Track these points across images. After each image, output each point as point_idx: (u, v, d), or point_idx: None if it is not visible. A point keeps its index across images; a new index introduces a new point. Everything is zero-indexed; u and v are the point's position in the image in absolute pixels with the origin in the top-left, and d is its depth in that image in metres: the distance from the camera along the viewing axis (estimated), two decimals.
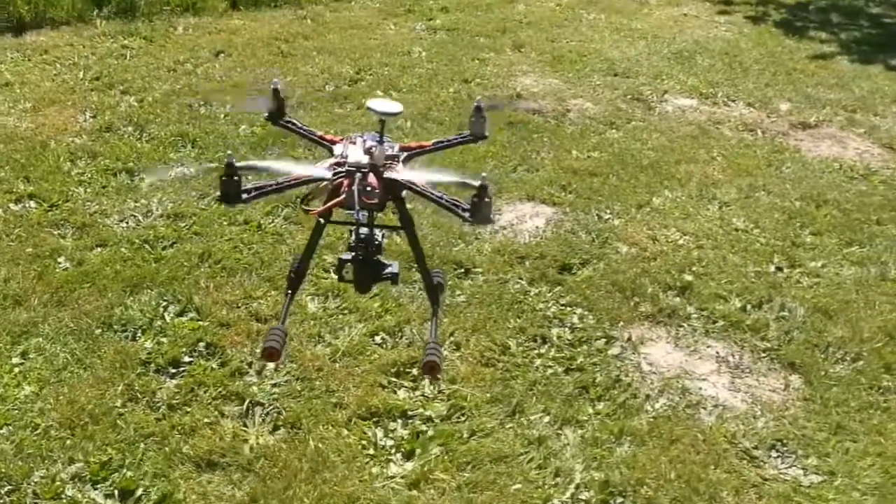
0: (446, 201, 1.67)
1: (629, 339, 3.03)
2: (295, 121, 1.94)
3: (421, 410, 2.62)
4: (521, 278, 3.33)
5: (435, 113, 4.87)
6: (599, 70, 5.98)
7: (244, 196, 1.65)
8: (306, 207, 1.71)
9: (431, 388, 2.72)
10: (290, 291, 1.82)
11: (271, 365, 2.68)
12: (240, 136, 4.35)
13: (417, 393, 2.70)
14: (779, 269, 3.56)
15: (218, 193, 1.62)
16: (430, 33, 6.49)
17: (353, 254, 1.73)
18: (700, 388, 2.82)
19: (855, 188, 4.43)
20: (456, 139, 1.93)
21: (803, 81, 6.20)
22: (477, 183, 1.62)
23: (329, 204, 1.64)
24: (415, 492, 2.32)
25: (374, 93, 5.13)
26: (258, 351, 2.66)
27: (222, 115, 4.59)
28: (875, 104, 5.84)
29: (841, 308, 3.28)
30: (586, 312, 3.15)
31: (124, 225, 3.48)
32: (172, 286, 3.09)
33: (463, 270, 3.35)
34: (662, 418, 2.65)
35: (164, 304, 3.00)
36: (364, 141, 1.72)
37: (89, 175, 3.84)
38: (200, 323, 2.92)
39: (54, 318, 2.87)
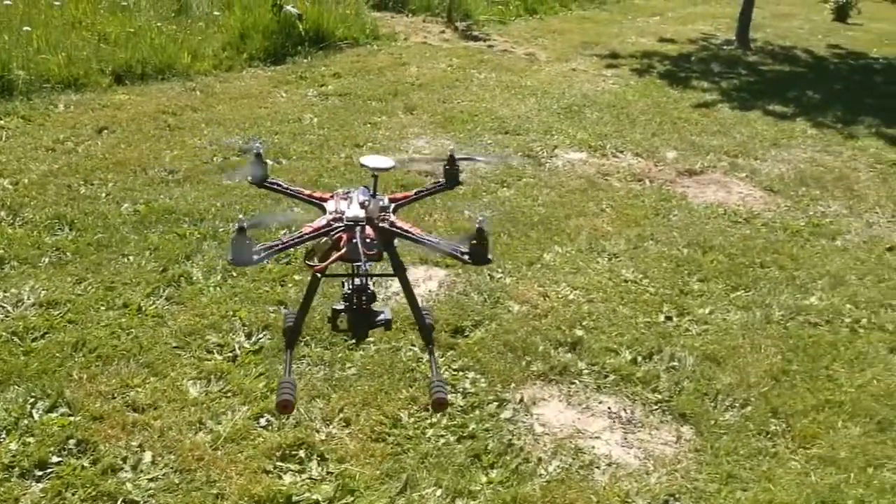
0: (444, 246, 1.77)
1: (521, 400, 3.00)
2: (280, 182, 1.97)
3: (307, 494, 2.51)
4: (413, 345, 3.27)
5: (326, 180, 4.82)
6: (490, 129, 6.06)
7: (255, 258, 1.67)
8: (310, 263, 1.75)
9: (319, 469, 2.62)
10: (288, 347, 1.85)
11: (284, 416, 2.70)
12: (122, 215, 4.20)
13: (304, 476, 2.59)
14: (668, 318, 3.60)
15: (230, 257, 1.65)
16: (322, 99, 6.49)
17: (346, 304, 1.78)
18: (593, 447, 2.80)
19: (739, 232, 4.56)
20: (434, 187, 2.06)
21: (688, 129, 6.43)
22: (475, 224, 1.72)
23: (332, 258, 1.68)
24: None
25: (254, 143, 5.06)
26: (275, 408, 2.55)
27: (103, 195, 4.44)
28: (755, 148, 6.08)
29: (729, 354, 3.33)
30: (479, 376, 3.11)
31: None
32: (42, 380, 2.91)
33: (354, 341, 3.27)
34: (556, 482, 2.61)
35: (32, 400, 2.82)
36: (357, 196, 1.80)
37: None
38: (71, 418, 2.75)
39: None
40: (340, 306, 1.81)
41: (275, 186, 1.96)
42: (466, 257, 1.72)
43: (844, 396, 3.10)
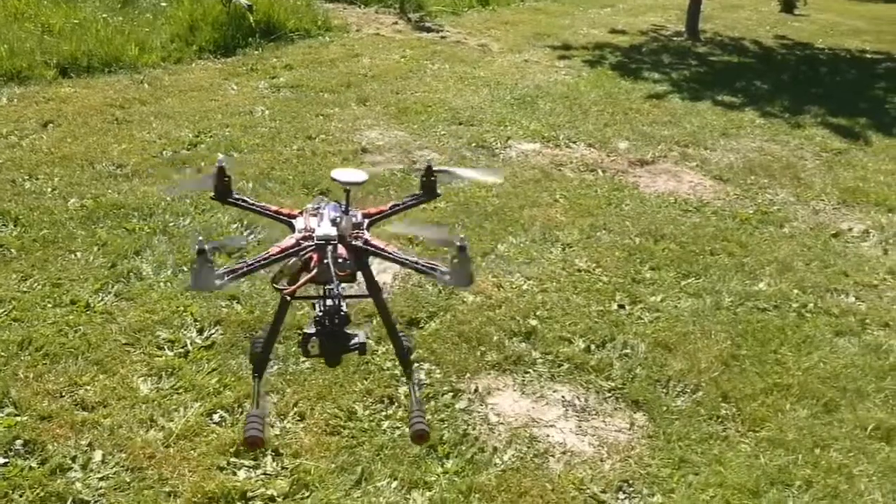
0: (422, 265, 1.66)
1: (476, 390, 3.01)
2: (245, 197, 1.86)
3: (262, 490, 2.49)
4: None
5: (277, 172, 4.78)
6: (444, 119, 6.06)
7: (217, 283, 1.56)
8: (277, 286, 1.62)
9: (274, 464, 2.60)
10: (256, 375, 1.76)
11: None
12: (69, 211, 4.12)
13: (259, 472, 2.57)
14: (621, 306, 3.64)
15: (191, 283, 1.54)
16: (274, 91, 6.42)
17: (318, 328, 1.67)
18: (548, 436, 2.82)
19: (690, 221, 4.62)
20: (410, 200, 1.96)
21: (639, 120, 6.49)
22: (456, 243, 1.61)
23: (302, 281, 1.58)
24: None
25: (217, 155, 5.00)
26: (241, 444, 2.52)
27: (49, 190, 4.35)
28: (705, 138, 6.16)
29: (680, 341, 3.38)
30: (434, 367, 3.11)
31: None
32: None
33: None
34: (511, 471, 2.62)
35: None
36: (328, 212, 1.69)
37: None
38: (18, 418, 2.69)
39: None
40: (312, 330, 1.69)
41: (240, 203, 1.85)
42: (447, 277, 1.64)
43: (792, 379, 3.16)
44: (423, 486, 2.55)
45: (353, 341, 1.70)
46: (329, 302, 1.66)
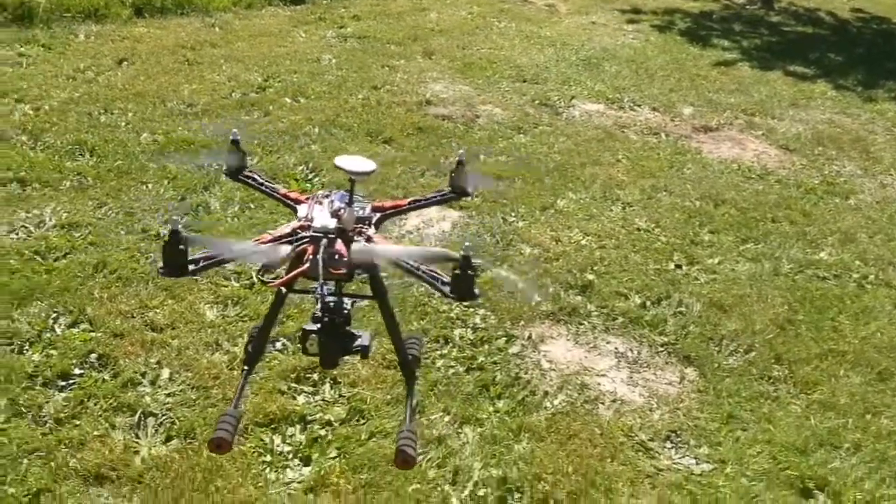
0: (424, 273, 1.49)
1: (530, 337, 3.06)
2: (256, 175, 1.73)
3: (320, 415, 2.59)
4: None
5: (343, 119, 4.85)
6: (508, 76, 6.05)
7: (191, 267, 1.42)
8: (264, 278, 1.50)
9: (332, 392, 2.69)
10: (246, 368, 1.62)
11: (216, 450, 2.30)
12: (141, 144, 4.25)
13: (317, 398, 2.67)
14: (678, 266, 3.65)
15: (160, 265, 1.41)
16: (341, 41, 6.47)
17: (318, 325, 1.48)
18: (599, 384, 2.86)
19: (752, 188, 4.57)
20: (435, 196, 1.74)
21: (706, 87, 6.40)
22: (458, 254, 1.42)
23: (291, 274, 1.45)
24: (311, 496, 2.29)
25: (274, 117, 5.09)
26: (206, 444, 2.28)
27: (123, 124, 4.48)
28: (773, 108, 6.06)
29: (735, 302, 3.38)
30: (489, 313, 3.17)
31: (14, 236, 3.35)
32: (64, 297, 2.98)
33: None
34: (561, 414, 2.68)
35: (55, 315, 2.89)
36: (332, 201, 1.53)
37: None
38: (93, 334, 2.83)
39: None
40: (312, 327, 1.50)
41: (250, 181, 1.72)
42: (447, 289, 1.44)
43: (848, 347, 3.15)
44: (475, 422, 2.62)
45: (355, 343, 1.52)
46: (331, 298, 1.48)
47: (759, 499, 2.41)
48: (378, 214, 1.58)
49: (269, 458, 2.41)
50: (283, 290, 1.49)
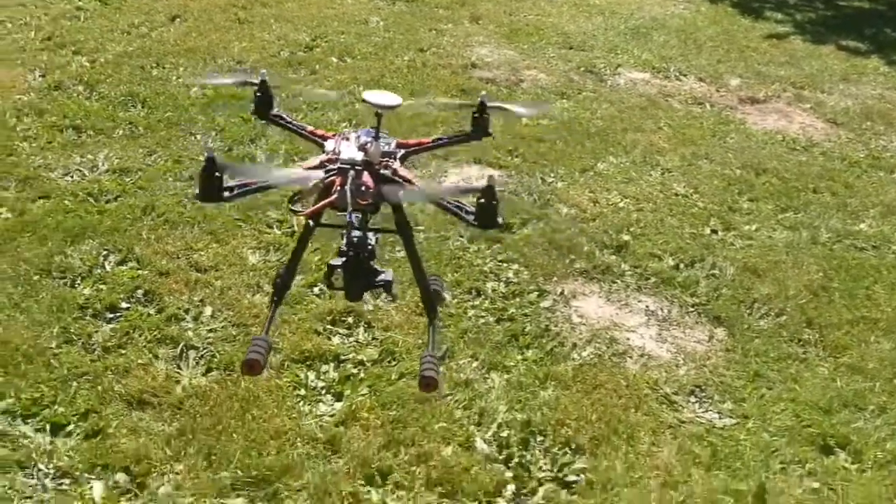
0: (449, 204, 1.53)
1: (562, 293, 3.12)
2: (284, 115, 1.78)
3: (353, 355, 2.68)
4: (461, 236, 3.40)
5: (388, 79, 4.91)
6: (555, 43, 6.04)
7: (226, 194, 1.47)
8: (294, 208, 1.56)
9: (366, 335, 2.79)
10: (275, 300, 1.68)
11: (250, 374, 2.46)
12: (190, 98, 4.36)
13: (351, 339, 2.76)
14: (714, 231, 3.66)
15: (196, 191, 1.47)
16: (389, 4, 6.51)
17: (344, 259, 1.55)
18: (628, 339, 2.91)
19: (795, 159, 4.54)
20: (457, 137, 1.81)
21: (755, 59, 6.32)
22: (482, 185, 1.45)
23: (319, 205, 1.49)
24: (341, 428, 2.38)
25: (328, 60, 5.17)
26: (239, 366, 2.44)
27: (174, 78, 4.60)
28: (823, 81, 5.97)
29: (770, 268, 3.39)
30: (522, 268, 3.23)
31: (68, 179, 3.49)
32: (114, 237, 3.12)
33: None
34: (588, 365, 2.74)
35: (105, 253, 3.03)
36: (358, 136, 1.58)
37: (35, 131, 3.84)
38: (140, 272, 2.95)
39: None
40: (338, 262, 1.57)
41: (279, 120, 1.77)
42: (471, 218, 1.49)
43: (881, 315, 3.15)
44: (502, 368, 2.69)
45: (379, 278, 1.57)
46: (356, 233, 1.53)
47: (779, 453, 2.45)
48: (403, 150, 1.62)
49: (303, 392, 2.51)
50: (311, 222, 1.53)
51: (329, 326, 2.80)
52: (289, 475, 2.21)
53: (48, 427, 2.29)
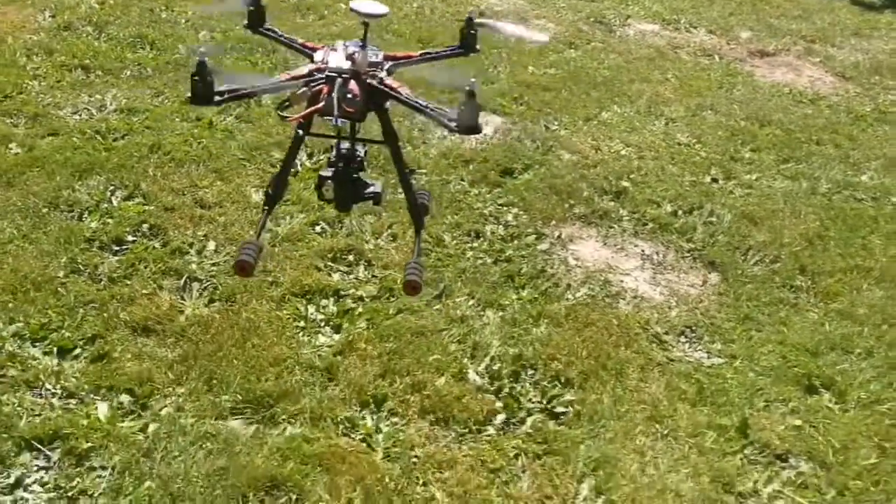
0: (431, 110, 1.55)
1: (559, 236, 3.17)
2: (275, 28, 1.83)
3: (353, 291, 2.75)
4: (462, 180, 3.45)
5: (396, 26, 4.91)
6: None
7: (216, 98, 1.51)
8: (283, 114, 1.58)
9: (365, 272, 2.85)
10: (266, 208, 1.72)
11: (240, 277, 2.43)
12: (199, 41, 4.39)
13: (351, 276, 2.83)
14: (714, 180, 3.69)
15: (188, 94, 1.50)
16: None
17: (333, 171, 1.62)
18: (622, 281, 2.97)
19: (801, 111, 4.55)
20: (445, 51, 1.81)
21: (768, 12, 6.27)
22: (466, 87, 1.49)
23: (307, 111, 1.53)
24: (339, 357, 2.46)
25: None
26: (231, 267, 2.54)
27: (182, 21, 4.62)
28: (834, 35, 5.93)
29: (767, 216, 3.43)
30: (521, 212, 3.28)
31: (77, 117, 3.55)
32: (121, 173, 3.18)
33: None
34: (581, 305, 2.80)
35: (112, 188, 3.09)
36: (346, 47, 1.60)
37: (44, 70, 3.89)
38: (146, 207, 3.02)
39: (2, 198, 2.97)
40: (328, 173, 1.63)
41: (270, 33, 1.83)
42: (454, 125, 1.52)
43: (875, 264, 3.19)
44: (498, 306, 2.75)
45: (368, 190, 1.65)
46: (345, 145, 1.60)
47: (764, 391, 2.51)
48: (391, 62, 1.65)
49: (302, 324, 2.59)
50: (301, 132, 1.58)
51: (330, 263, 2.87)
52: (286, 400, 2.29)
53: (56, 350, 2.37)
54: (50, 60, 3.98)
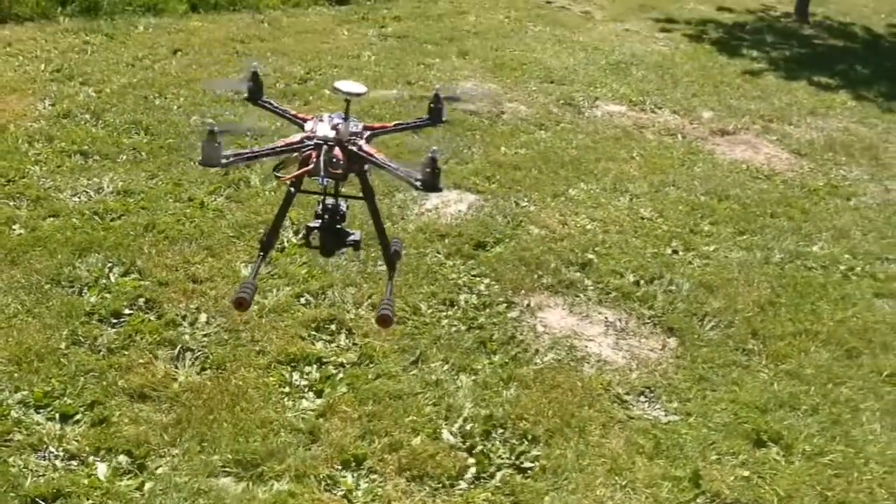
0: (402, 172, 1.80)
1: (528, 305, 3.40)
2: (271, 101, 2.06)
3: (335, 358, 2.95)
4: (438, 252, 3.69)
5: (377, 110, 5.22)
6: (537, 77, 6.38)
7: (223, 161, 1.75)
8: (278, 174, 1.83)
9: (347, 340, 3.06)
10: (261, 254, 1.95)
11: (237, 313, 2.91)
12: (190, 126, 4.67)
13: (333, 344, 3.04)
14: (674, 251, 3.95)
15: (199, 157, 1.73)
16: (381, 39, 6.86)
17: (320, 222, 1.87)
18: (586, 347, 3.19)
19: (757, 186, 4.85)
20: (416, 122, 2.07)
21: (728, 93, 6.65)
22: (427, 155, 1.74)
23: (298, 171, 1.75)
24: (321, 420, 2.65)
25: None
26: (229, 302, 2.85)
27: (175, 107, 4.91)
28: (791, 115, 6.30)
29: (723, 284, 3.68)
30: (493, 282, 3.51)
31: (76, 199, 3.78)
32: (118, 251, 3.40)
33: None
34: (548, 369, 3.01)
35: (110, 265, 3.31)
36: (331, 118, 1.84)
37: (45, 155, 4.13)
38: (141, 282, 3.23)
39: (7, 275, 3.17)
40: (315, 224, 1.89)
41: (267, 105, 2.04)
42: (419, 184, 1.77)
43: (822, 328, 3.43)
44: (470, 371, 2.96)
45: (349, 238, 1.89)
46: (329, 200, 1.85)
47: (716, 445, 2.72)
48: (369, 132, 1.91)
49: (288, 389, 2.79)
50: (293, 189, 1.82)
51: (313, 332, 3.08)
52: (273, 459, 2.48)
53: (58, 416, 2.56)
54: (50, 147, 4.23)
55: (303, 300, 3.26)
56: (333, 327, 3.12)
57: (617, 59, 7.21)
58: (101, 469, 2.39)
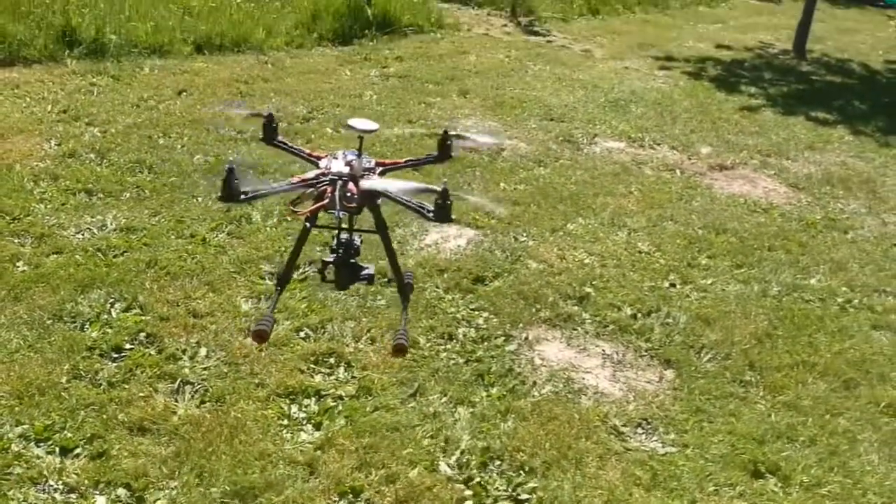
0: (414, 205, 1.86)
1: (527, 338, 3.42)
2: (286, 141, 2.14)
3: (333, 391, 2.98)
4: (437, 287, 3.72)
5: (378, 148, 5.29)
6: (537, 115, 6.47)
7: (242, 196, 1.82)
8: (294, 209, 1.88)
9: (345, 373, 3.08)
10: (278, 288, 2.04)
11: (256, 344, 2.94)
12: (193, 164, 4.74)
13: (332, 377, 3.06)
14: (672, 285, 3.98)
15: (219, 194, 1.81)
16: (383, 79, 6.96)
17: (335, 256, 1.95)
18: (583, 379, 3.21)
19: (755, 220, 4.89)
20: (425, 159, 2.15)
21: (726, 129, 6.73)
22: (439, 188, 1.80)
23: (314, 206, 1.83)
24: (319, 452, 2.66)
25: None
26: (248, 335, 2.90)
27: (179, 146, 4.99)
28: (789, 149, 6.37)
29: (720, 317, 3.70)
30: (492, 316, 3.54)
31: (80, 236, 3.83)
32: (120, 287, 3.44)
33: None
34: (546, 401, 3.03)
35: (112, 301, 3.35)
36: (345, 155, 1.93)
37: (50, 194, 4.20)
38: (143, 317, 3.27)
39: (10, 311, 3.21)
40: (330, 258, 1.97)
41: (282, 145, 2.12)
42: (431, 215, 1.84)
43: (820, 359, 3.45)
44: (468, 403, 2.98)
45: (363, 272, 1.97)
46: (344, 235, 1.94)
47: (714, 476, 2.72)
48: (381, 168, 1.99)
49: (286, 422, 2.80)
50: (308, 224, 1.90)
51: (312, 366, 3.10)
52: (271, 491, 2.49)
53: (58, 449, 2.57)
54: (55, 185, 4.30)
55: (302, 334, 3.28)
56: (332, 360, 3.14)
57: (616, 96, 7.31)
58: (101, 502, 2.41)
